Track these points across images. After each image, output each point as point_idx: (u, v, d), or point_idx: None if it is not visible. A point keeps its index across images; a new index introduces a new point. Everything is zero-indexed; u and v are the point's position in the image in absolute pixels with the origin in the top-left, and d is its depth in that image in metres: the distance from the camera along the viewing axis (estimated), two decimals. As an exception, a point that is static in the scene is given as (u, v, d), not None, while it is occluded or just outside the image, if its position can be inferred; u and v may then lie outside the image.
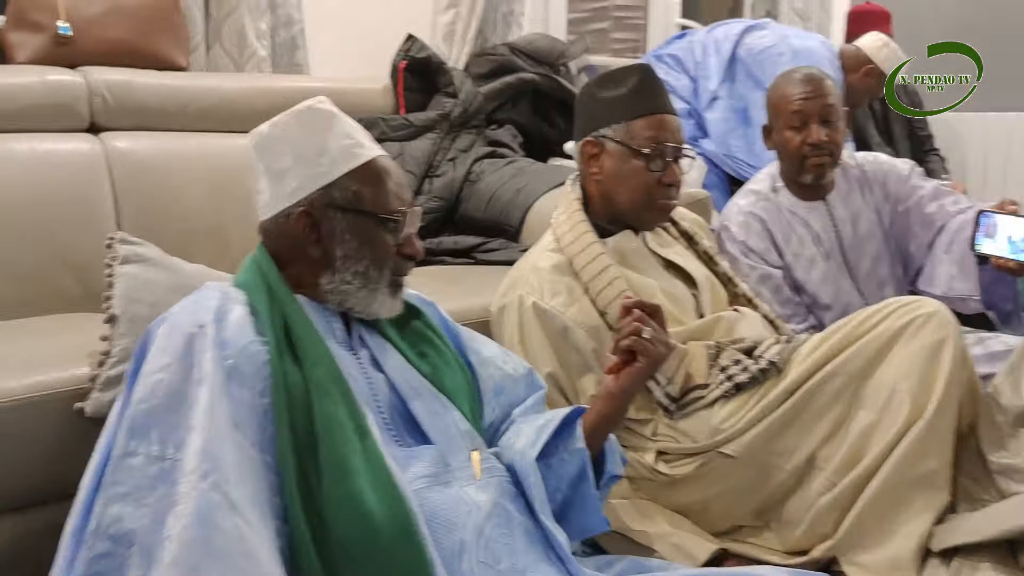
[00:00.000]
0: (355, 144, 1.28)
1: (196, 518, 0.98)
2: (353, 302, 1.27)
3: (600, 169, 1.72)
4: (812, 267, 2.10)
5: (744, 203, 2.16)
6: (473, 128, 2.78)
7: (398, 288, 1.31)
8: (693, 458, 1.63)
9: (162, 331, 1.15)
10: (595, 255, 1.66)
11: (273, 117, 1.29)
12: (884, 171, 2.17)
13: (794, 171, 2.09)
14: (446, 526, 1.15)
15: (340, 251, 1.25)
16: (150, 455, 1.05)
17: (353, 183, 1.25)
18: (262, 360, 1.15)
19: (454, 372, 1.36)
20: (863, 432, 1.52)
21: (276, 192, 1.26)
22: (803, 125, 2.04)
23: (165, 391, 1.09)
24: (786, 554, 1.59)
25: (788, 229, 2.11)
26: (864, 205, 2.13)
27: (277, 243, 1.28)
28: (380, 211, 1.26)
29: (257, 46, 2.61)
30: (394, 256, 1.28)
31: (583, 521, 1.34)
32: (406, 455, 1.22)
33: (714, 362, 1.65)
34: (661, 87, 1.74)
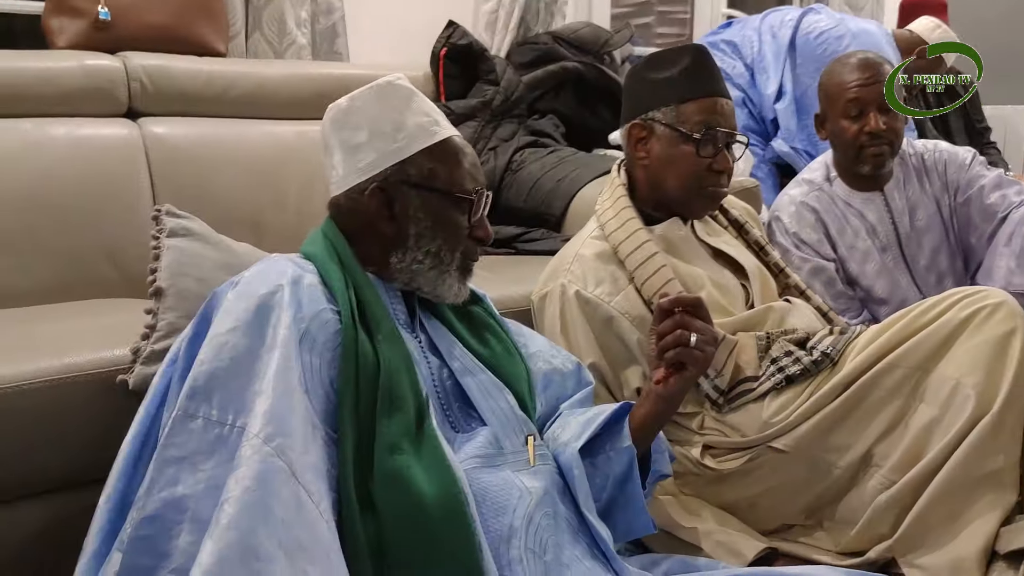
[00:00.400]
0: (432, 122, 1.27)
1: (257, 482, 0.96)
2: (422, 282, 1.26)
3: (648, 153, 1.66)
4: (867, 260, 2.04)
5: (797, 193, 2.09)
6: (515, 117, 2.74)
7: (467, 273, 1.30)
8: (742, 453, 1.57)
9: (231, 295, 1.13)
10: (641, 242, 1.60)
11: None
12: (944, 159, 2.09)
13: (850, 161, 2.02)
14: (495, 509, 1.13)
15: (413, 229, 1.24)
16: (209, 419, 1.03)
17: (428, 160, 1.24)
18: (333, 329, 1.14)
19: (513, 359, 1.35)
20: (924, 428, 1.45)
21: (350, 167, 1.25)
22: (860, 113, 1.97)
23: (230, 355, 1.06)
24: (839, 555, 1.52)
25: (842, 221, 2.05)
26: (923, 195, 2.06)
27: (348, 219, 1.27)
28: (455, 190, 1.25)
29: (297, 33, 2.59)
30: (466, 238, 1.27)
31: (628, 522, 1.30)
32: (460, 439, 1.21)
33: (764, 353, 1.59)
34: (715, 69, 1.67)
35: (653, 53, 1.71)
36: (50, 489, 1.34)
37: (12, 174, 1.88)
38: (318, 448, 1.05)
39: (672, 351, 1.26)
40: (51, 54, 2.14)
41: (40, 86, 2.01)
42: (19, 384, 1.29)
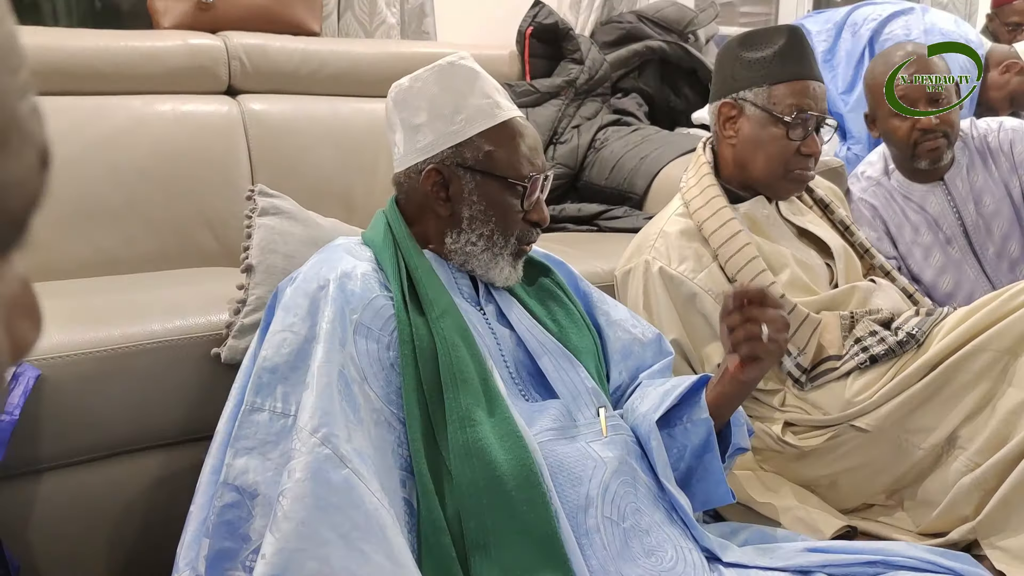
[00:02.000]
0: (492, 104, 1.26)
1: (307, 473, 1.01)
2: (475, 264, 1.27)
3: (736, 133, 1.66)
4: (929, 255, 1.98)
5: (855, 190, 2.04)
6: (598, 96, 2.75)
7: (520, 256, 1.30)
8: (823, 431, 1.57)
9: (290, 290, 1.19)
10: (725, 220, 1.61)
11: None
12: (1010, 138, 2.01)
13: (906, 158, 1.96)
14: (571, 479, 1.15)
15: (467, 212, 1.25)
16: (275, 411, 1.10)
17: (485, 143, 1.24)
18: (388, 314, 1.17)
19: (581, 331, 1.35)
20: (1012, 411, 1.43)
21: (409, 146, 1.27)
22: (913, 109, 1.91)
23: (289, 349, 1.12)
24: (920, 535, 1.52)
25: (901, 216, 1.99)
26: (988, 179, 1.99)
27: (408, 197, 1.29)
28: (510, 175, 1.25)
29: (387, 13, 2.65)
30: (521, 222, 1.27)
31: (707, 492, 1.30)
32: (532, 409, 1.23)
33: (848, 333, 1.59)
34: (810, 51, 1.66)
35: (748, 32, 1.70)
36: (164, 443, 1.42)
37: (122, 149, 1.97)
38: (372, 432, 1.09)
39: (745, 344, 1.22)
40: (157, 34, 2.23)
41: (147, 64, 2.10)
42: (133, 345, 1.38)
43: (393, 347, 1.16)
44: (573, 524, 1.11)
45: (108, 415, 1.35)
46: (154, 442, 1.41)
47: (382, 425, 1.11)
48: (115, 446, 1.38)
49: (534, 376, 1.28)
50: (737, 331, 1.22)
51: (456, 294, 1.26)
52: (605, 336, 1.40)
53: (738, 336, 1.22)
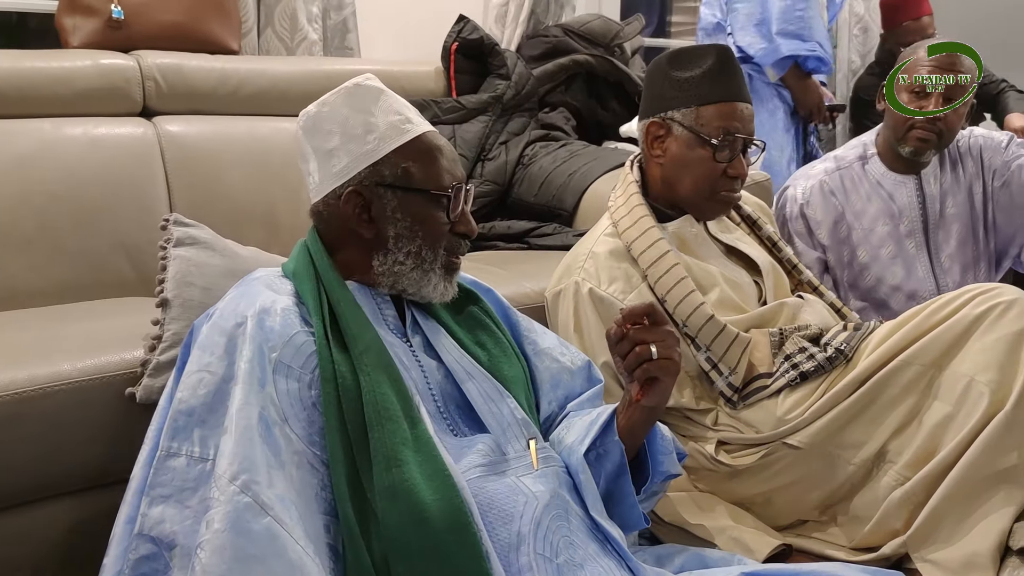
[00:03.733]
0: (403, 120, 1.25)
1: (226, 523, 0.97)
2: (406, 284, 1.24)
3: (664, 152, 1.66)
4: (883, 245, 2.02)
5: (822, 168, 2.08)
6: (526, 111, 2.74)
7: (452, 270, 1.28)
8: (756, 449, 1.57)
9: (206, 328, 1.15)
10: (654, 240, 1.60)
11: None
12: (980, 144, 2.07)
13: (895, 137, 2.01)
14: (502, 517, 1.12)
15: (392, 230, 1.22)
16: (192, 456, 1.06)
17: (402, 159, 1.23)
18: (309, 351, 1.14)
19: (511, 360, 1.33)
20: (938, 425, 1.45)
21: (325, 172, 1.24)
22: (924, 95, 1.96)
23: (206, 390, 1.08)
24: (853, 550, 1.53)
25: (866, 202, 2.03)
26: (955, 183, 2.03)
27: (328, 226, 1.26)
28: (432, 187, 1.23)
29: (308, 29, 2.60)
30: (448, 234, 1.25)
31: (623, 516, 1.28)
32: (460, 444, 1.20)
33: (778, 350, 1.60)
34: (738, 71, 1.66)
35: (678, 50, 1.69)
36: (75, 490, 1.35)
37: (31, 174, 1.89)
38: (294, 476, 1.05)
39: (639, 368, 1.20)
40: (66, 54, 2.15)
41: (56, 86, 2.02)
42: (40, 388, 1.31)
43: (315, 385, 1.12)
44: (505, 564, 1.09)
45: (13, 462, 1.28)
46: (64, 489, 1.35)
47: (305, 468, 1.08)
48: (21, 495, 1.31)
49: (462, 409, 1.25)
50: (628, 358, 1.20)
51: (381, 326, 1.23)
52: (533, 366, 1.38)
53: (630, 362, 1.20)
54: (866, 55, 4.04)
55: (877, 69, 3.57)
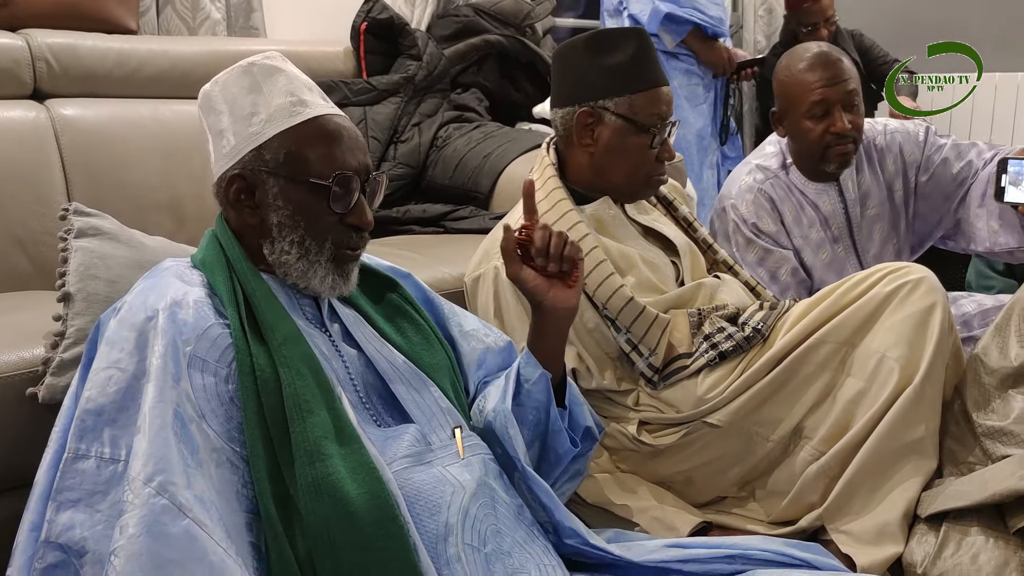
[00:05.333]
0: (296, 102, 1.19)
1: (141, 527, 0.93)
2: (294, 275, 1.19)
3: (595, 140, 1.65)
4: (819, 251, 2.01)
5: (752, 180, 2.03)
6: (438, 92, 2.70)
7: (343, 263, 1.21)
8: (677, 428, 1.60)
9: (114, 322, 1.09)
10: (572, 223, 1.60)
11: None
12: (898, 140, 2.05)
13: (815, 160, 1.96)
14: (429, 508, 1.11)
15: (275, 218, 1.17)
16: (102, 457, 1.00)
17: (287, 144, 1.17)
18: (225, 344, 1.10)
19: (433, 348, 1.31)
20: (851, 400, 1.49)
21: (218, 153, 1.20)
22: (825, 114, 1.91)
23: (116, 388, 1.03)
24: (771, 524, 1.57)
25: (798, 210, 2.01)
26: (874, 182, 2.04)
27: (226, 212, 1.22)
28: (313, 176, 1.17)
29: (211, 8, 2.51)
30: (336, 226, 1.19)
31: (560, 445, 1.30)
32: (385, 435, 1.17)
33: (697, 330, 1.62)
34: (657, 55, 1.67)
35: (594, 34, 1.67)
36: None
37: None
38: (213, 474, 1.01)
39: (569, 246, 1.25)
40: (-54, 33, 2.03)
41: (-64, 68, 1.91)
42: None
43: (232, 380, 1.08)
44: (433, 555, 1.07)
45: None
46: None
47: (224, 466, 1.04)
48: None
49: (385, 399, 1.23)
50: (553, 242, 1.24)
51: (299, 316, 1.19)
52: (460, 349, 1.36)
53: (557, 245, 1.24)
54: (771, 35, 4.12)
55: (781, 50, 3.64)
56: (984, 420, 1.45)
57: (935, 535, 1.39)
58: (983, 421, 1.45)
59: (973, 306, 2.00)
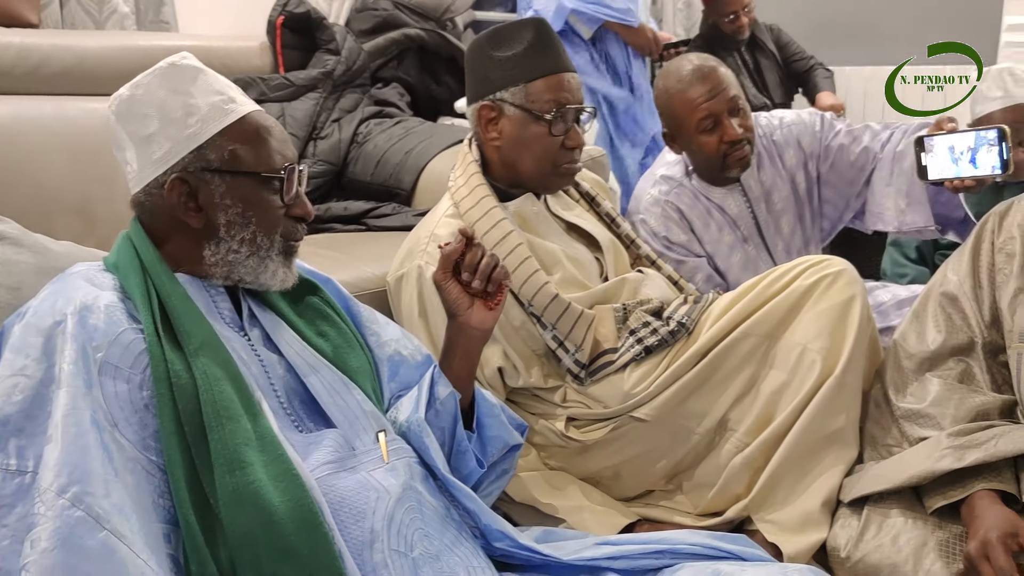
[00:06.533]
0: (226, 100, 1.17)
1: (55, 541, 0.89)
2: (243, 272, 1.18)
3: (500, 134, 1.64)
4: (732, 254, 2.03)
5: (658, 192, 2.02)
6: (358, 87, 2.66)
7: (290, 255, 1.22)
8: (604, 423, 1.60)
9: (18, 328, 1.05)
10: (496, 220, 1.59)
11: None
12: (795, 133, 2.06)
13: (717, 169, 1.96)
14: (354, 515, 1.09)
15: (223, 217, 1.15)
16: (8, 469, 0.96)
17: (229, 142, 1.15)
18: (139, 349, 1.06)
19: (355, 351, 1.29)
20: (774, 392, 1.52)
21: (144, 160, 1.15)
22: (716, 125, 1.90)
23: (23, 396, 0.99)
24: (699, 516, 1.59)
25: (706, 216, 2.01)
26: (777, 177, 2.05)
27: (153, 217, 1.17)
28: (262, 169, 1.17)
29: (118, 1, 2.42)
30: (283, 218, 1.19)
31: (464, 467, 1.30)
32: (307, 440, 1.15)
33: (622, 325, 1.62)
34: (558, 42, 1.65)
35: (495, 29, 1.66)
36: None
37: None
38: (130, 484, 0.98)
39: (498, 270, 1.28)
40: None
41: None
42: None
43: (147, 386, 1.04)
44: (359, 562, 1.05)
45: None
46: None
47: (140, 475, 1.00)
48: None
49: (307, 404, 1.20)
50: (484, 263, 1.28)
51: (216, 320, 1.16)
52: (376, 357, 1.34)
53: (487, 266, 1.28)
54: (691, 28, 4.17)
55: (700, 42, 3.69)
56: (902, 403, 1.48)
57: (857, 519, 1.42)
58: (901, 404, 1.48)
59: (888, 296, 2.05)
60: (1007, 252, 1.46)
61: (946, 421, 1.41)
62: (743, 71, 3.64)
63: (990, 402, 1.41)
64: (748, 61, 3.69)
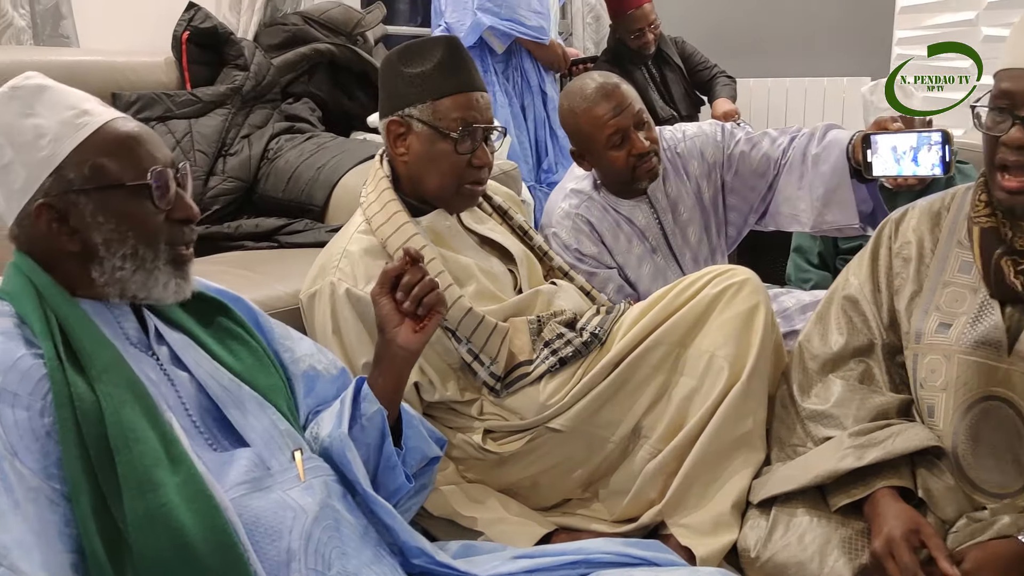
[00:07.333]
0: (78, 113, 1.12)
1: None
2: (134, 288, 1.13)
3: (407, 150, 1.64)
4: (641, 265, 2.06)
5: (568, 206, 2.05)
6: (268, 102, 2.63)
7: (182, 263, 1.17)
8: (521, 435, 1.62)
9: None
10: (409, 236, 1.59)
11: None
12: (698, 145, 2.11)
13: (626, 183, 2.00)
14: (270, 535, 1.07)
15: (99, 236, 1.10)
16: None
17: (88, 157, 1.10)
18: (39, 375, 1.02)
19: (268, 369, 1.27)
20: (685, 398, 1.56)
21: (7, 192, 1.11)
22: (624, 139, 1.93)
23: None
24: (615, 523, 1.61)
25: (616, 228, 2.05)
26: (681, 187, 2.09)
27: (32, 248, 1.13)
28: (128, 179, 1.11)
29: (13, 15, 2.34)
30: (165, 225, 1.14)
31: (392, 482, 1.30)
32: (221, 460, 1.13)
33: (537, 337, 1.64)
34: (469, 61, 1.66)
35: (406, 45, 1.67)
36: None
37: None
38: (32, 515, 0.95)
39: (431, 294, 1.30)
40: None
41: None
42: None
43: (48, 412, 1.01)
44: None
45: None
46: None
47: (43, 505, 0.97)
48: None
49: (220, 423, 1.18)
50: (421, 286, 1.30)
51: (121, 341, 1.13)
52: (290, 374, 1.33)
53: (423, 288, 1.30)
54: (599, 42, 4.25)
55: (608, 56, 3.76)
56: (807, 404, 1.53)
57: (766, 519, 1.46)
58: (806, 405, 1.53)
59: (793, 301, 2.12)
60: (904, 257, 1.52)
61: (848, 421, 1.46)
62: (650, 84, 3.72)
63: (889, 402, 1.47)
64: (655, 74, 3.77)
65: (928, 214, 1.53)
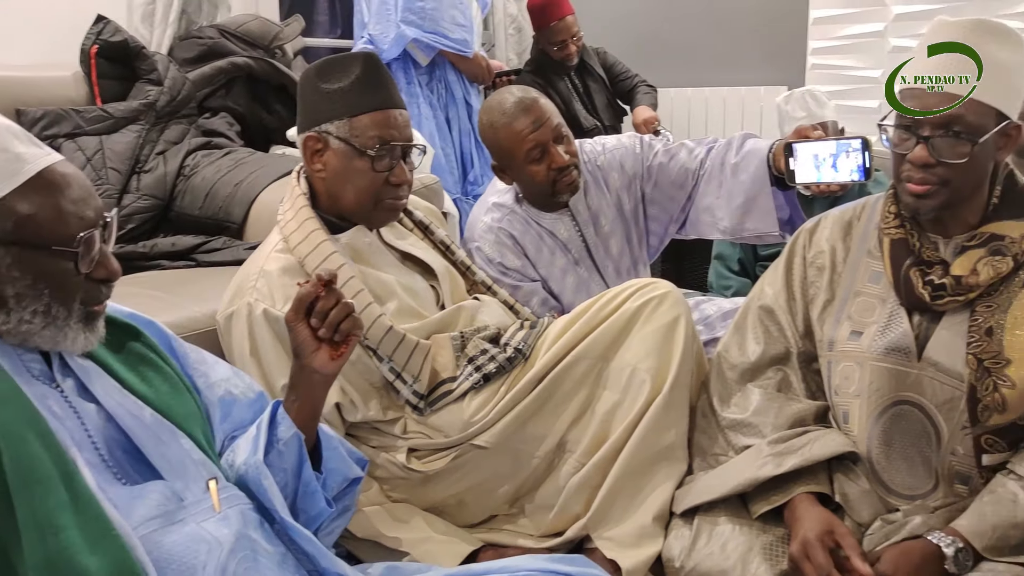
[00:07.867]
0: (12, 158, 1.05)
1: None
2: (38, 341, 1.08)
3: (325, 166, 1.62)
4: (565, 277, 2.07)
5: (491, 220, 2.05)
6: (183, 117, 2.57)
7: (93, 319, 1.12)
8: (446, 452, 1.61)
9: None
10: (327, 254, 1.56)
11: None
12: (618, 157, 2.12)
13: (547, 196, 2.00)
14: (183, 571, 1.04)
15: (11, 290, 1.05)
16: None
17: (12, 209, 1.04)
18: None
19: (182, 396, 1.23)
20: (608, 412, 1.56)
21: None
22: (544, 153, 1.94)
23: None
24: (541, 537, 1.61)
25: (539, 241, 2.05)
26: (603, 201, 2.10)
27: None
28: (54, 241, 1.05)
29: (-90, 29, 2.25)
30: (83, 283, 1.09)
31: (313, 507, 1.28)
32: (131, 494, 1.09)
33: (460, 353, 1.63)
34: (387, 78, 1.65)
35: (325, 60, 1.65)
36: None
37: None
38: None
39: (347, 320, 1.26)
40: None
41: None
42: None
43: None
44: None
45: None
46: None
47: None
48: None
49: (131, 454, 1.13)
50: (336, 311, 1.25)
51: (21, 374, 1.07)
52: (206, 399, 1.29)
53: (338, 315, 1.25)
54: (522, 53, 4.25)
55: (531, 67, 3.77)
56: (727, 413, 1.55)
57: (689, 529, 1.48)
58: (726, 414, 1.55)
59: (714, 309, 2.14)
60: (817, 266, 1.55)
61: (767, 429, 1.49)
62: (574, 95, 3.74)
63: (806, 409, 1.50)
64: (578, 85, 3.80)
65: (840, 223, 1.56)
